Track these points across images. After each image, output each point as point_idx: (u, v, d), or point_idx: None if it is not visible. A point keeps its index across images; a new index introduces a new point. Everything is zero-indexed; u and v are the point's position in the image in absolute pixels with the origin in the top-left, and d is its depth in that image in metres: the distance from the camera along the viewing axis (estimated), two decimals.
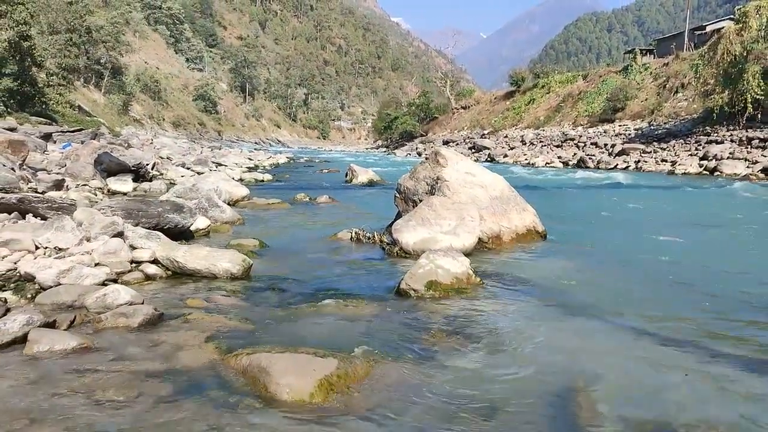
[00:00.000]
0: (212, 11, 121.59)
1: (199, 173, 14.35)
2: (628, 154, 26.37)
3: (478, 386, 2.74)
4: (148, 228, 5.45)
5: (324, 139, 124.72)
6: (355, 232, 6.61)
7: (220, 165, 19.30)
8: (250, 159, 26.08)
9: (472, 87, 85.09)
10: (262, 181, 15.85)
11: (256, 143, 78.30)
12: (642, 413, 2.48)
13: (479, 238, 6.03)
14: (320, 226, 7.79)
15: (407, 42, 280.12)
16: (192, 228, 6.24)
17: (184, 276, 4.65)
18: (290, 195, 11.10)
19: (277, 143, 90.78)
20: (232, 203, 9.15)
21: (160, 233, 5.29)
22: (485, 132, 47.65)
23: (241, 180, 14.26)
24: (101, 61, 47.67)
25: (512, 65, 73.57)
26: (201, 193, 7.47)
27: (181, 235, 5.92)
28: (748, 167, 19.79)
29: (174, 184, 10.53)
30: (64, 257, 4.36)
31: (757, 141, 22.03)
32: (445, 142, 45.86)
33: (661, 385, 2.78)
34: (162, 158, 17.38)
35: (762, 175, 18.60)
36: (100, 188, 9.72)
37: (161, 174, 13.34)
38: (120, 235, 4.95)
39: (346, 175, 16.55)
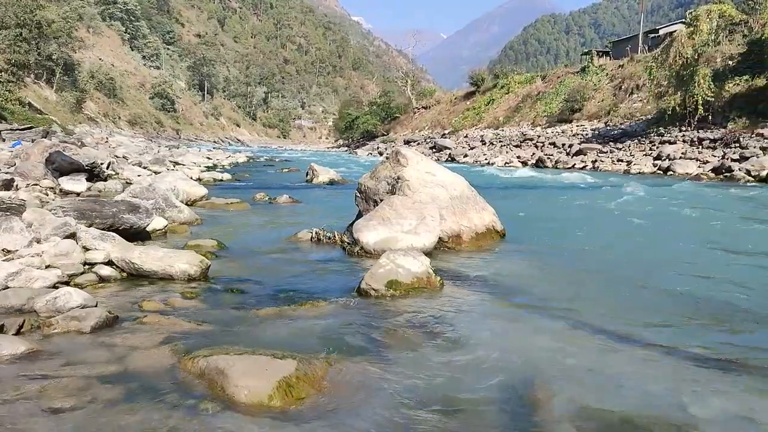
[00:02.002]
0: (169, 8, 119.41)
1: (156, 173, 14.07)
2: (585, 154, 26.87)
3: (438, 384, 2.75)
4: (103, 229, 5.32)
5: (284, 138, 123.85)
6: (316, 232, 6.57)
7: (178, 164, 18.97)
8: (209, 158, 25.74)
9: (433, 87, 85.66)
10: (221, 180, 15.63)
11: (215, 142, 77.28)
12: (599, 407, 2.52)
13: (440, 238, 6.06)
14: (280, 226, 7.72)
15: (368, 41, 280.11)
16: (148, 228, 6.11)
17: (140, 278, 4.55)
18: (250, 195, 10.98)
19: (237, 142, 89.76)
20: (190, 203, 8.99)
21: (114, 234, 5.17)
22: (446, 132, 47.98)
23: (199, 179, 14.04)
24: (53, 57, 46.30)
25: (472, 65, 74.32)
26: (158, 192, 7.32)
27: (137, 235, 5.79)
28: (699, 167, 20.37)
29: (130, 183, 10.30)
30: (13, 259, 4.21)
31: (708, 141, 22.70)
32: (407, 142, 46.00)
33: (617, 379, 2.83)
34: (117, 157, 17.00)
35: (712, 175, 19.17)
36: (52, 188, 9.44)
37: (117, 173, 13.03)
38: (72, 236, 4.82)
39: (307, 175, 16.45)
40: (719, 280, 5.00)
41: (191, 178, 12.16)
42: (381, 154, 42.17)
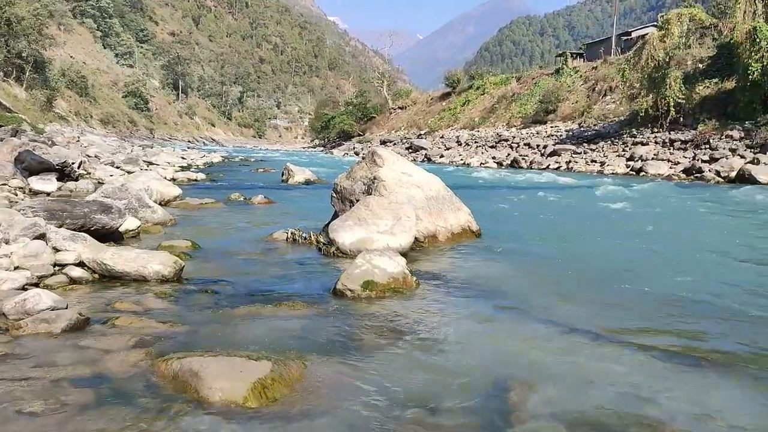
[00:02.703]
0: (143, 5, 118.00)
1: (129, 172, 13.89)
2: (559, 155, 27.15)
3: (414, 384, 2.75)
4: (74, 229, 5.22)
5: (260, 138, 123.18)
6: (291, 233, 6.53)
7: (152, 164, 18.74)
8: (183, 158, 25.48)
9: (409, 87, 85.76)
10: (196, 180, 15.49)
11: (189, 142, 76.56)
12: (573, 406, 2.55)
13: (415, 238, 6.08)
14: (255, 226, 7.67)
15: (344, 41, 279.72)
16: (121, 229, 6.02)
17: (112, 279, 4.48)
18: (225, 195, 10.89)
19: (212, 142, 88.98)
20: (164, 203, 8.89)
21: (86, 235, 5.08)
22: (422, 132, 48.09)
23: (173, 179, 13.88)
24: (23, 54, 45.41)
25: (448, 66, 74.68)
26: (131, 192, 7.22)
27: (109, 236, 5.71)
28: (671, 168, 20.72)
29: (102, 183, 10.14)
30: None
31: (679, 143, 23.09)
32: (383, 142, 46.02)
33: (592, 378, 2.86)
34: (89, 157, 16.73)
35: (683, 175, 19.51)
36: (21, 188, 9.26)
37: (88, 173, 12.83)
38: (42, 237, 4.73)
39: (283, 175, 16.37)
40: (689, 278, 5.09)
41: (165, 178, 12.03)
42: (357, 154, 42.14)
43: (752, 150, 19.60)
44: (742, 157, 19.27)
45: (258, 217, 8.63)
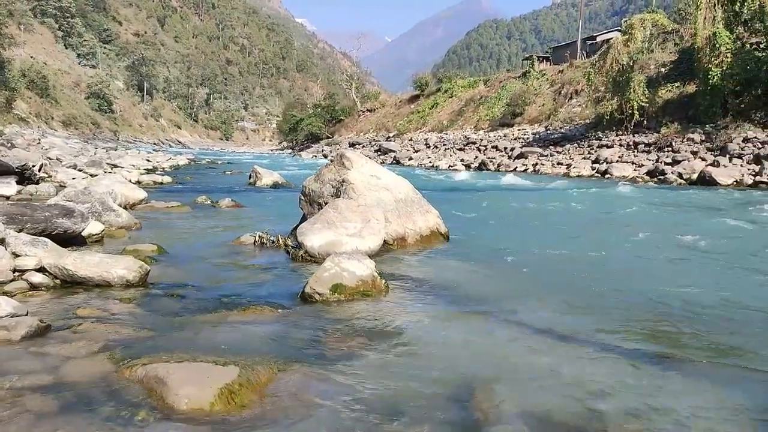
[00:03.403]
0: (106, 5, 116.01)
1: (92, 175, 13.61)
2: (526, 158, 27.46)
3: (383, 388, 2.75)
4: (34, 234, 5.10)
5: (227, 140, 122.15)
6: (259, 236, 6.47)
7: (116, 167, 18.42)
8: (149, 160, 25.10)
9: (378, 90, 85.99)
10: (162, 183, 15.25)
11: (155, 144, 75.57)
12: (542, 408, 2.56)
13: (384, 240, 6.07)
14: (222, 230, 7.59)
15: (312, 43, 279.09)
16: (84, 233, 5.90)
17: (75, 284, 4.38)
18: (191, 198, 10.76)
19: (178, 144, 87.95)
20: (129, 207, 8.74)
21: (47, 239, 4.96)
22: (391, 135, 48.19)
23: (138, 182, 13.67)
24: None
25: (417, 69, 74.97)
26: (94, 196, 7.08)
27: (71, 241, 5.59)
28: (635, 170, 21.12)
29: (64, 186, 9.92)
30: None
31: (643, 146, 23.54)
32: (351, 145, 45.99)
33: (560, 379, 2.89)
34: (51, 159, 16.36)
35: (647, 177, 19.91)
36: None
37: (50, 176, 12.55)
38: (1, 242, 4.60)
39: (250, 177, 16.24)
40: (652, 278, 5.18)
41: (130, 180, 11.83)
42: (326, 156, 42.05)
43: (712, 153, 20.09)
44: (703, 159, 19.74)
45: (225, 221, 8.54)
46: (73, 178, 12.47)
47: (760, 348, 3.40)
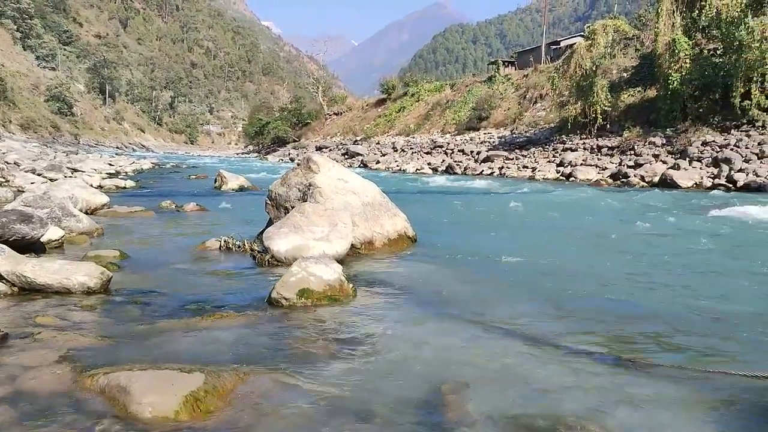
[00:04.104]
0: (66, 6, 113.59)
1: (52, 180, 13.32)
2: (492, 161, 27.73)
3: (351, 392, 2.73)
4: None
5: (192, 144, 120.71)
6: (225, 241, 6.40)
7: (77, 171, 18.04)
8: (111, 164, 24.66)
9: (345, 93, 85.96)
10: (125, 187, 15.00)
11: (117, 148, 74.26)
12: (509, 410, 2.58)
13: (352, 244, 6.06)
14: (187, 234, 7.48)
15: (278, 46, 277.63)
16: (43, 239, 5.75)
17: (34, 292, 4.26)
18: (155, 202, 10.59)
19: (141, 148, 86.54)
20: (90, 212, 8.56)
21: (4, 246, 4.81)
22: (358, 138, 48.20)
23: (100, 187, 13.40)
24: None
25: (384, 73, 75.05)
26: (54, 201, 6.91)
27: (30, 247, 5.44)
28: (598, 173, 21.50)
29: (22, 191, 9.67)
30: None
31: (606, 149, 23.98)
32: (318, 148, 45.85)
33: (527, 382, 2.91)
34: (8, 164, 15.97)
35: (611, 180, 20.28)
36: None
37: (7, 181, 12.25)
38: None
39: (216, 182, 16.05)
40: (617, 280, 5.27)
41: (91, 185, 11.59)
42: (292, 160, 41.88)
43: (673, 156, 20.58)
44: (665, 162, 20.21)
45: (190, 225, 8.42)
46: (32, 183, 12.18)
47: (721, 350, 3.48)
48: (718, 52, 22.59)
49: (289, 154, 49.62)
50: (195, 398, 2.52)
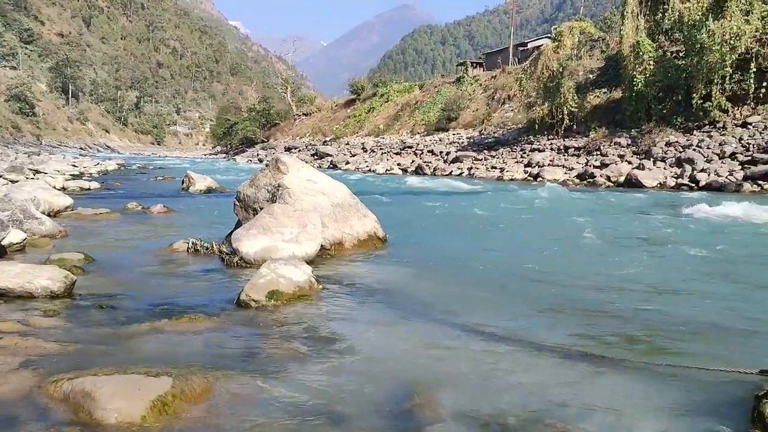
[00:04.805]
0: (27, 4, 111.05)
1: (12, 181, 13.00)
2: (461, 162, 27.90)
3: (322, 394, 2.72)
4: None
5: (158, 144, 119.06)
6: (192, 243, 6.31)
7: (39, 172, 17.66)
8: (75, 166, 24.21)
9: (314, 94, 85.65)
10: (89, 189, 14.71)
11: (81, 149, 72.86)
12: (480, 408, 2.59)
13: (322, 246, 6.03)
14: (154, 237, 7.37)
15: (246, 46, 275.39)
16: (4, 242, 5.61)
17: None
18: (121, 204, 10.41)
19: (106, 149, 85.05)
20: (53, 214, 8.39)
21: None
22: (327, 139, 48.09)
23: (63, 189, 13.13)
24: None
25: (353, 73, 74.99)
26: (15, 203, 6.75)
27: None
28: (565, 173, 21.78)
29: None
30: None
31: (573, 149, 24.30)
32: (287, 149, 45.62)
33: (496, 380, 2.93)
34: None
35: (577, 180, 20.57)
36: None
37: None
38: None
39: (183, 183, 15.85)
40: (586, 277, 5.34)
41: (54, 187, 11.35)
42: (261, 161, 41.58)
43: (638, 156, 20.95)
44: (630, 162, 20.56)
45: (157, 227, 8.30)
46: None
47: (689, 346, 3.55)
48: (681, 54, 23.08)
49: (257, 155, 49.26)
50: (162, 403, 2.48)
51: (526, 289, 4.91)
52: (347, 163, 34.83)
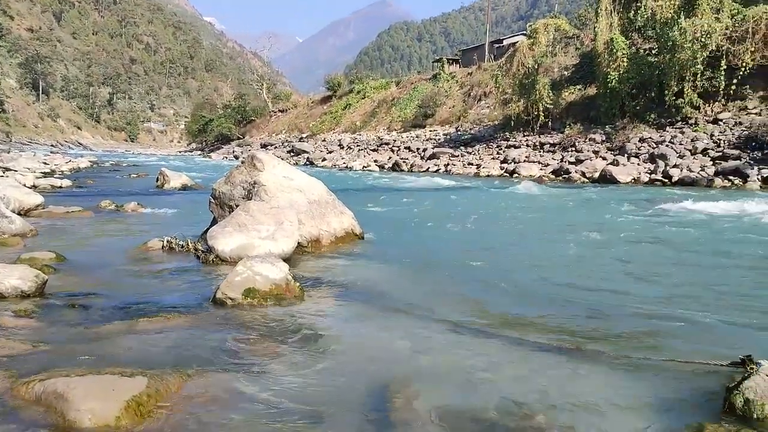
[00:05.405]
0: None
1: None
2: (438, 158, 27.98)
3: (300, 392, 2.70)
4: None
5: (132, 141, 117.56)
6: (167, 241, 6.24)
7: (9, 170, 17.30)
8: (46, 163, 23.79)
9: (290, 90, 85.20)
10: (61, 187, 14.47)
11: (53, 146, 71.62)
12: (458, 404, 2.60)
13: (299, 243, 6.00)
14: (128, 235, 7.26)
15: (221, 42, 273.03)
16: None
17: None
18: (94, 202, 10.25)
19: (79, 146, 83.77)
20: (24, 213, 8.23)
21: None
22: (304, 135, 47.90)
23: (34, 186, 12.89)
24: None
25: (329, 70, 74.79)
26: None
27: None
28: (541, 169, 21.96)
29: None
30: None
31: (548, 146, 24.51)
32: (263, 146, 45.36)
33: (475, 375, 2.94)
34: None
35: (553, 176, 20.76)
36: None
37: None
38: None
39: (157, 180, 15.66)
40: (562, 272, 5.39)
41: (24, 185, 11.14)
42: (237, 158, 41.28)
43: (612, 152, 21.20)
44: (604, 158, 20.81)
45: (131, 225, 8.19)
46: None
47: (662, 340, 3.60)
48: (654, 51, 23.39)
49: (233, 152, 48.90)
50: (137, 403, 2.44)
51: (502, 284, 4.94)
52: (324, 159, 34.73)
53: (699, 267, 5.82)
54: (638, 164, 19.30)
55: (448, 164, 26.58)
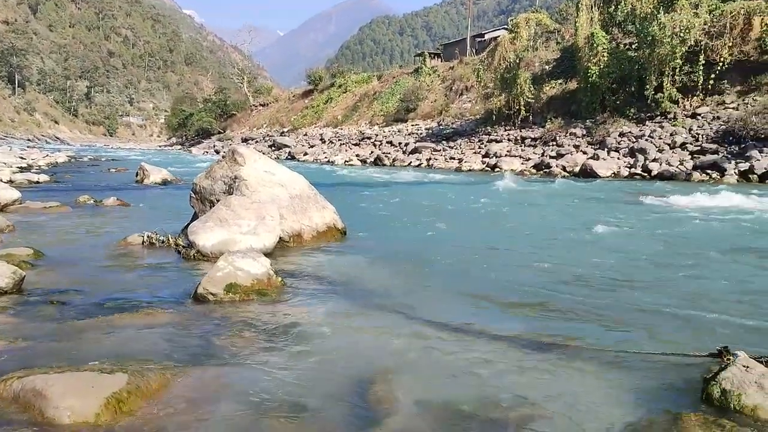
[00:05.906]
0: None
1: None
2: (420, 153, 27.98)
3: (281, 386, 2.70)
4: None
5: (111, 136, 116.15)
6: (148, 236, 6.18)
7: None
8: (23, 158, 23.47)
9: (271, 84, 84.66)
10: (38, 182, 14.26)
11: (29, 140, 70.54)
12: (440, 399, 2.61)
13: (280, 237, 5.98)
14: (107, 230, 7.19)
15: (201, 36, 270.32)
16: None
17: None
18: (72, 197, 10.12)
19: (56, 140, 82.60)
20: (0, 208, 8.10)
21: None
22: (285, 130, 47.65)
23: (10, 182, 12.70)
24: None
25: (310, 64, 74.31)
26: None
27: None
28: (522, 164, 22.06)
29: None
30: None
31: (530, 140, 24.62)
32: (244, 140, 45.07)
33: (455, 368, 2.95)
34: None
35: (534, 171, 20.87)
36: None
37: None
38: None
39: (137, 175, 15.50)
40: (542, 267, 5.42)
41: (1, 180, 10.97)
42: (218, 152, 40.97)
43: (593, 146, 21.35)
44: (585, 153, 20.94)
45: (110, 221, 8.10)
46: None
47: (640, 332, 3.64)
48: (634, 46, 23.57)
49: (214, 147, 48.54)
50: (117, 400, 2.42)
51: (482, 279, 4.97)
52: (305, 154, 34.59)
53: (675, 260, 5.89)
54: (618, 158, 19.47)
55: (430, 159, 26.60)
